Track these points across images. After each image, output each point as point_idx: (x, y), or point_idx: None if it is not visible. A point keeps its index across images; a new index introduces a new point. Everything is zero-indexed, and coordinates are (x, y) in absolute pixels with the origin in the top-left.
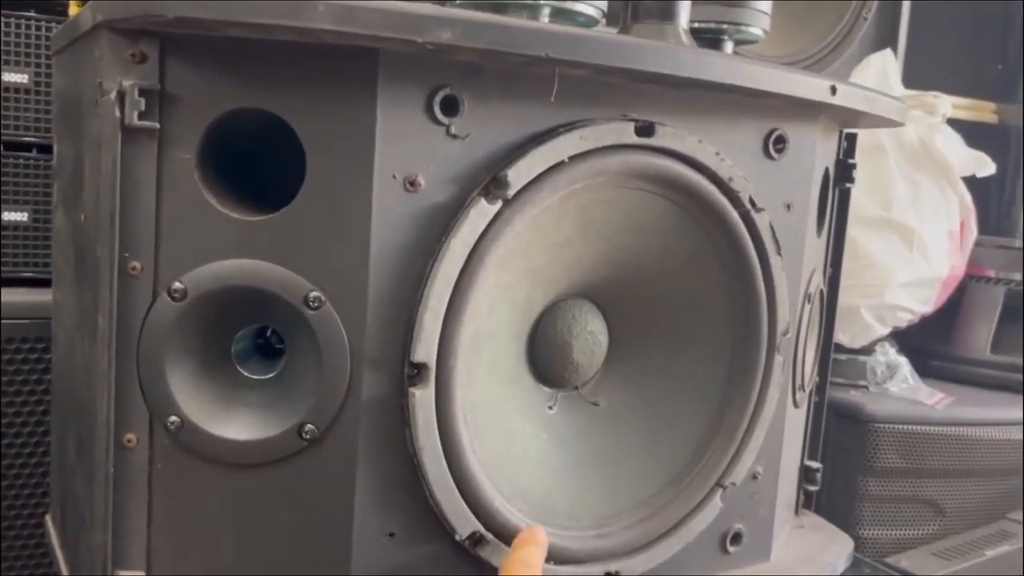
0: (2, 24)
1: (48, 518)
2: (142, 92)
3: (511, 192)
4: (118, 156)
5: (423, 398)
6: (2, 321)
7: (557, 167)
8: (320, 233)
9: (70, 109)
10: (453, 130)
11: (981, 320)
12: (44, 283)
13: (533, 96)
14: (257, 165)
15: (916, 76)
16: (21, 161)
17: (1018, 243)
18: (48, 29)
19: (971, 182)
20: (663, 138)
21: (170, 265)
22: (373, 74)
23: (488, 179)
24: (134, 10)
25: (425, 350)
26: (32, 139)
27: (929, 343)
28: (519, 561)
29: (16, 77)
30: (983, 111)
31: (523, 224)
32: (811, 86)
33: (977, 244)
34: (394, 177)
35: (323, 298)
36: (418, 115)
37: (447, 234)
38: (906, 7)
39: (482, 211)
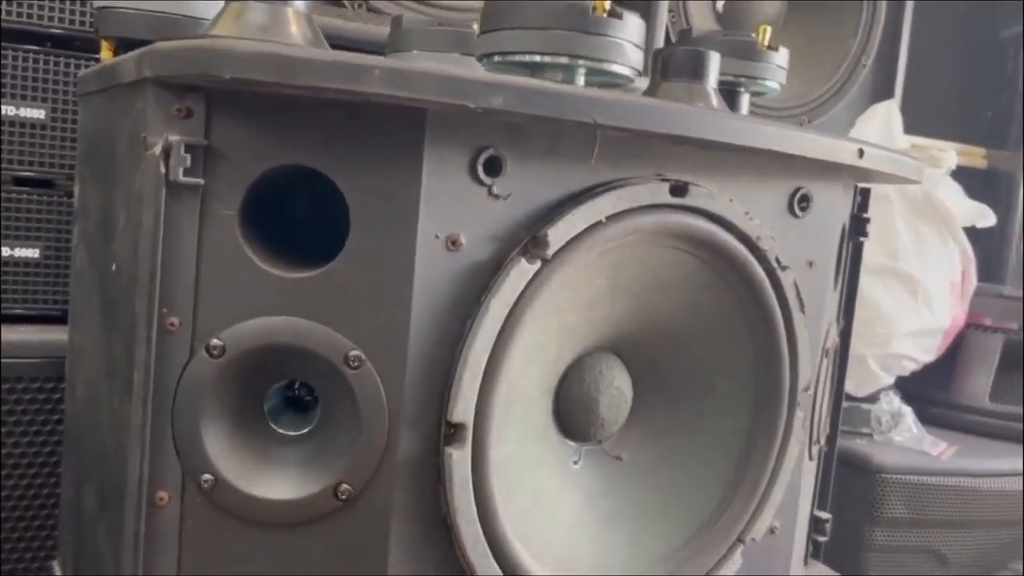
0: (19, 58)
1: (56, 564)
2: (188, 148)
3: (550, 252)
4: (161, 211)
5: (460, 458)
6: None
7: (595, 227)
8: (362, 291)
9: (100, 153)
10: (495, 190)
11: (980, 368)
12: (55, 320)
13: (572, 157)
14: (298, 220)
15: (909, 121)
16: (35, 197)
17: (1014, 291)
18: (67, 66)
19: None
20: (696, 198)
21: (209, 321)
22: (420, 135)
23: (528, 238)
24: (190, 68)
25: (463, 409)
26: (46, 175)
27: (928, 390)
28: None
29: (32, 112)
30: (974, 156)
31: (559, 283)
32: (841, 149)
33: (976, 293)
34: (437, 236)
35: (363, 357)
36: (462, 175)
37: (487, 293)
38: (903, 54)
39: (522, 271)
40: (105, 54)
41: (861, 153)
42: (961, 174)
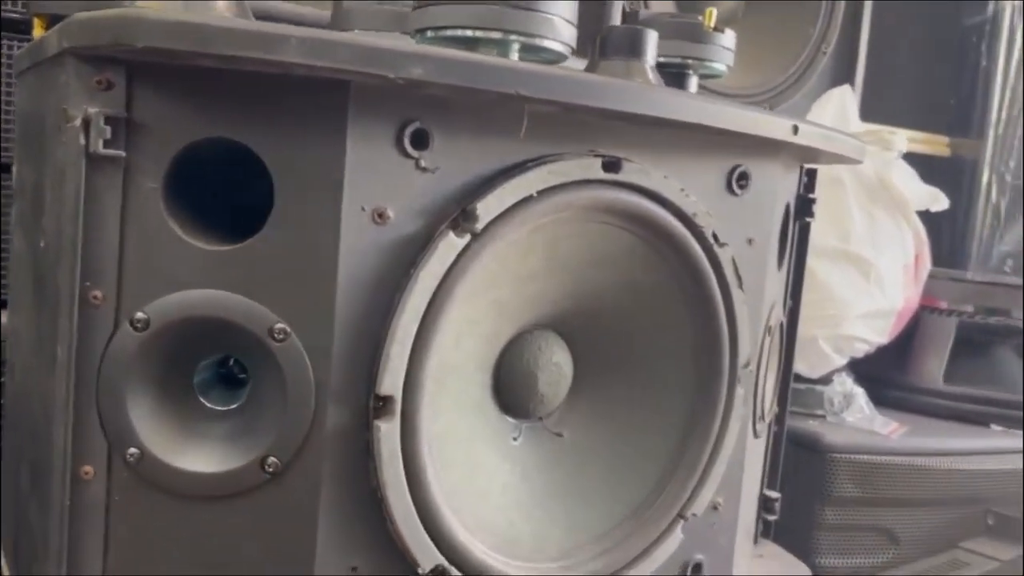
0: None
1: None
2: (108, 120)
3: (480, 225)
4: (82, 184)
5: (388, 431)
6: None
7: (526, 201)
8: (287, 264)
9: (32, 131)
10: (423, 163)
11: (934, 351)
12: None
13: (503, 131)
14: (225, 194)
15: (872, 110)
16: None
17: (970, 275)
18: (10, 47)
19: (923, 214)
20: (629, 174)
21: (133, 295)
22: (344, 106)
23: (457, 212)
24: (103, 38)
25: (391, 383)
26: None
27: (884, 373)
28: None
29: None
30: (937, 145)
31: (490, 257)
32: (774, 125)
33: (930, 276)
34: (363, 209)
35: (288, 330)
36: (388, 148)
37: (415, 267)
38: (864, 43)
39: (451, 244)
40: (37, 32)
41: (796, 129)
42: (924, 162)
